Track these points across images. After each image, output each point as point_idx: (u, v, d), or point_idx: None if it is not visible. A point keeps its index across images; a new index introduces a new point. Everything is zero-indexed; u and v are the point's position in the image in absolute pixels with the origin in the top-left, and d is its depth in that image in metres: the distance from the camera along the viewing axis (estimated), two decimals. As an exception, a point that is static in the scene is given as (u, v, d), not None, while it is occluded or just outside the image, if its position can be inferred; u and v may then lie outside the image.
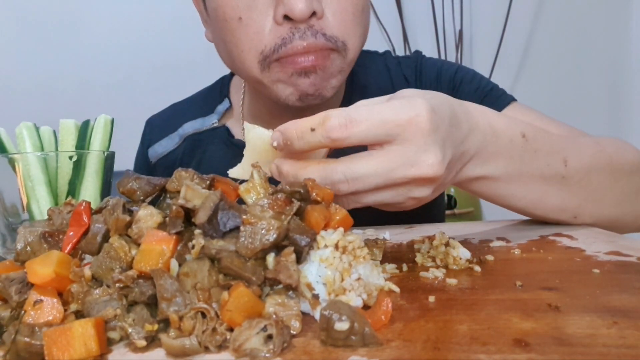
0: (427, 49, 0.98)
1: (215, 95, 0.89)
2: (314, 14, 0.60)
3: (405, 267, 0.44)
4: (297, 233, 0.33)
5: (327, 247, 0.33)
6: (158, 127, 0.92)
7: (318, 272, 0.33)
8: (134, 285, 0.31)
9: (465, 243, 0.52)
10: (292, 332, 0.30)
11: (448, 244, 0.45)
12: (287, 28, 0.60)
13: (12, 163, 0.55)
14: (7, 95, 1.83)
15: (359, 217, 0.45)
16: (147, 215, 0.34)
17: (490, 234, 0.56)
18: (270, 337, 0.28)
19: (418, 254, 0.46)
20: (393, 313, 0.31)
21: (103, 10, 1.88)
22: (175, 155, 0.87)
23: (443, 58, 1.91)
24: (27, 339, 0.28)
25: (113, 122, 0.63)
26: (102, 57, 1.88)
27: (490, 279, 0.39)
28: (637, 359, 0.24)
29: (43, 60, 1.86)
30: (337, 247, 0.34)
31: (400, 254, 0.49)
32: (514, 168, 0.49)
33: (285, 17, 0.59)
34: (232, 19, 0.62)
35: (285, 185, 0.35)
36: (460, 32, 1.91)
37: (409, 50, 1.91)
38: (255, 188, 0.37)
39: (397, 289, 0.36)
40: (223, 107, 0.86)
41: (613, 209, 0.58)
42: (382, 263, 0.44)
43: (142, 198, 0.37)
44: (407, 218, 0.66)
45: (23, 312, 0.31)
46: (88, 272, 0.32)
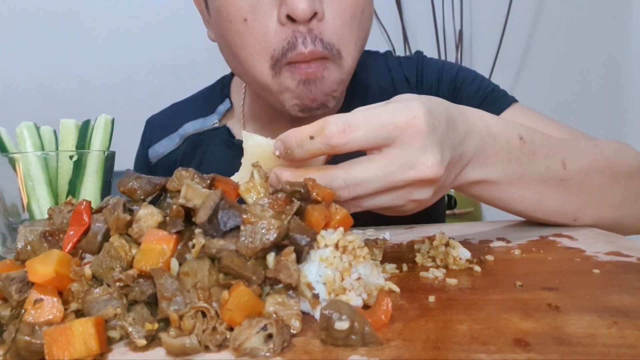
0: (427, 49, 0.98)
1: (216, 96, 0.89)
2: (315, 15, 0.60)
3: (405, 267, 0.44)
4: (297, 233, 0.33)
5: (327, 246, 0.33)
6: (158, 127, 0.91)
7: (318, 271, 0.33)
8: (134, 285, 0.31)
9: (465, 243, 0.52)
10: (292, 331, 0.30)
11: (448, 244, 0.45)
12: (290, 30, 0.60)
13: (12, 163, 0.55)
14: (7, 95, 1.83)
15: (359, 217, 0.45)
16: (147, 215, 0.34)
17: (490, 234, 0.56)
18: (271, 336, 0.28)
19: (418, 254, 0.46)
20: (393, 313, 0.31)
21: (103, 10, 1.88)
22: (176, 156, 0.87)
23: (443, 58, 1.91)
24: (27, 338, 0.28)
25: (113, 122, 0.63)
26: (102, 57, 1.88)
27: (490, 279, 0.39)
28: (637, 359, 0.24)
29: (43, 60, 1.86)
30: (337, 246, 0.34)
31: (400, 254, 0.49)
32: (513, 171, 0.49)
33: (288, 17, 0.59)
34: (236, 21, 0.62)
35: (286, 185, 0.35)
36: (460, 32, 1.91)
37: (409, 50, 1.91)
38: (256, 188, 0.37)
39: (397, 289, 0.36)
40: (224, 107, 0.86)
41: (613, 212, 0.58)
42: (382, 263, 0.44)
43: (142, 197, 0.37)
44: (407, 218, 0.66)
45: (23, 311, 0.31)
46: (88, 271, 0.32)
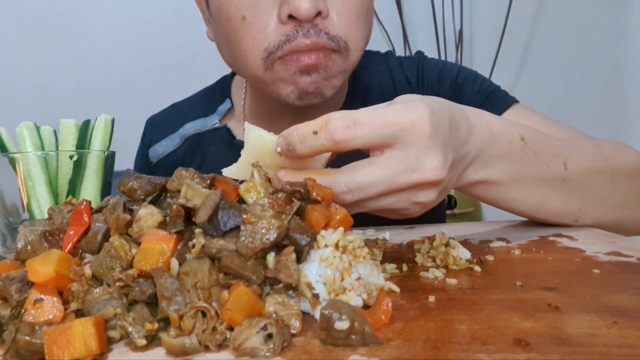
0: (427, 49, 0.98)
1: (217, 96, 0.89)
2: (319, 14, 0.59)
3: (405, 267, 0.44)
4: (297, 232, 0.33)
5: (327, 246, 0.33)
6: (158, 127, 0.91)
7: (318, 271, 0.33)
8: (134, 284, 0.31)
9: (466, 243, 0.52)
10: (292, 331, 0.30)
11: (448, 244, 0.45)
12: (291, 26, 0.60)
13: (12, 162, 0.55)
14: (7, 95, 1.83)
15: (359, 217, 0.45)
16: (147, 215, 0.34)
17: (491, 235, 0.56)
18: (271, 336, 0.28)
19: (418, 254, 0.46)
20: (393, 313, 0.31)
21: (103, 11, 1.88)
22: (176, 156, 0.86)
23: (443, 58, 1.91)
24: (27, 338, 0.28)
25: (113, 122, 0.63)
26: (102, 57, 1.88)
27: (490, 279, 0.39)
28: (637, 359, 0.24)
29: (43, 60, 1.86)
30: (337, 246, 0.34)
31: (401, 254, 0.49)
32: (515, 171, 0.49)
33: (290, 16, 0.59)
34: (235, 18, 0.62)
35: (286, 185, 0.35)
36: (460, 32, 1.91)
37: (409, 51, 1.91)
38: (256, 187, 0.37)
39: (397, 289, 0.36)
40: (224, 107, 0.86)
41: (614, 213, 0.58)
42: (382, 263, 0.44)
43: (142, 197, 0.37)
44: (407, 219, 0.66)
45: (23, 310, 0.31)
46: (88, 271, 0.32)
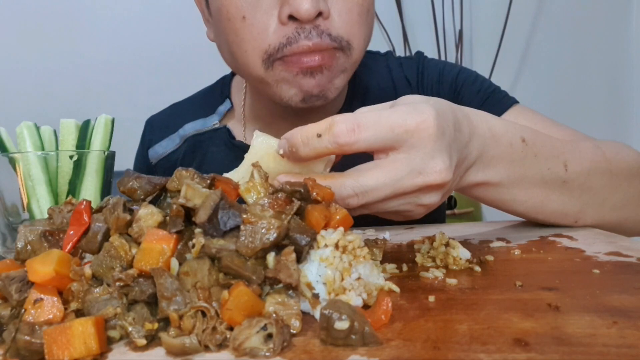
0: (427, 49, 0.98)
1: (216, 96, 0.89)
2: (320, 14, 0.59)
3: (405, 267, 0.44)
4: (297, 232, 0.33)
5: (327, 246, 0.33)
6: (158, 127, 0.91)
7: (318, 271, 0.33)
8: (134, 284, 0.31)
9: (465, 243, 0.52)
10: (292, 331, 0.30)
11: (448, 244, 0.45)
12: (292, 28, 0.60)
13: (12, 162, 0.55)
14: (7, 95, 1.83)
15: (359, 217, 0.45)
16: (147, 214, 0.34)
17: (490, 235, 0.56)
18: (270, 336, 0.28)
19: (418, 254, 0.46)
20: (393, 313, 0.31)
21: (103, 10, 1.87)
22: (176, 156, 0.86)
23: (443, 58, 1.91)
24: (27, 338, 0.28)
25: (113, 122, 0.63)
26: (102, 57, 1.88)
27: (490, 279, 0.39)
28: (637, 359, 0.24)
29: (43, 60, 1.86)
30: (337, 246, 0.34)
31: (400, 254, 0.49)
32: (515, 172, 0.49)
33: (291, 17, 0.59)
34: (235, 19, 0.62)
35: (286, 185, 0.35)
36: (460, 32, 1.91)
37: (409, 51, 1.91)
38: (256, 187, 0.37)
39: (397, 289, 0.36)
40: (224, 107, 0.86)
41: (614, 213, 0.58)
42: (382, 263, 0.44)
43: (142, 197, 0.37)
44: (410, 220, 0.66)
45: (23, 310, 0.31)
46: (88, 270, 0.32)
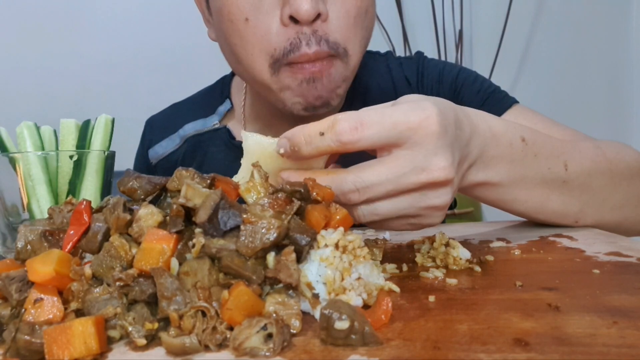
0: (427, 49, 0.98)
1: (216, 96, 0.89)
2: (319, 16, 0.59)
3: (405, 267, 0.44)
4: (297, 232, 0.33)
5: (327, 246, 0.33)
6: (158, 127, 0.91)
7: (318, 271, 0.33)
8: (134, 284, 0.31)
9: (465, 243, 0.52)
10: (292, 331, 0.30)
11: (448, 244, 0.45)
12: (293, 31, 0.60)
13: (12, 162, 0.55)
14: (7, 95, 1.83)
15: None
16: (147, 214, 0.34)
17: (490, 235, 0.56)
18: (270, 335, 0.28)
19: (418, 254, 0.46)
20: (393, 312, 0.31)
21: (103, 10, 1.87)
22: (176, 157, 0.86)
23: (443, 58, 1.91)
24: (27, 337, 0.28)
25: (113, 122, 0.63)
26: (102, 57, 1.88)
27: (490, 279, 0.39)
28: (637, 359, 0.24)
29: (43, 60, 1.86)
30: (337, 246, 0.34)
31: (400, 254, 0.49)
32: (516, 172, 0.49)
33: (291, 18, 0.59)
34: (238, 20, 0.62)
35: (286, 185, 0.35)
36: (460, 32, 1.91)
37: (409, 51, 1.91)
38: (256, 187, 0.37)
39: (397, 289, 0.36)
40: (224, 108, 0.86)
41: (615, 213, 0.58)
42: (382, 263, 0.44)
43: (142, 197, 0.37)
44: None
45: (23, 310, 0.31)
46: (88, 270, 0.32)
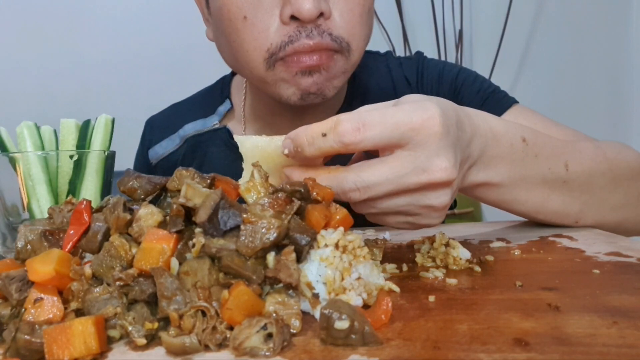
0: (427, 49, 0.98)
1: (216, 96, 0.89)
2: (322, 15, 0.59)
3: (405, 267, 0.44)
4: (297, 232, 0.33)
5: (327, 246, 0.33)
6: (158, 127, 0.91)
7: (318, 271, 0.33)
8: (134, 284, 0.31)
9: (465, 243, 0.52)
10: (292, 330, 0.30)
11: (448, 245, 0.45)
12: (293, 27, 0.60)
13: (12, 162, 0.55)
14: (7, 95, 1.83)
15: (359, 217, 0.45)
16: (147, 214, 0.34)
17: (490, 235, 0.56)
18: (270, 335, 0.28)
19: (418, 254, 0.46)
20: (393, 312, 0.31)
21: (103, 10, 1.88)
22: (176, 157, 0.86)
23: (443, 58, 1.91)
24: (27, 337, 0.28)
25: (113, 122, 0.63)
26: (102, 57, 1.88)
27: (490, 279, 0.39)
28: (637, 359, 0.24)
29: (43, 60, 1.86)
30: (337, 246, 0.34)
31: (400, 254, 0.49)
32: (516, 173, 0.49)
33: (292, 17, 0.59)
34: (236, 19, 0.62)
35: (286, 185, 0.35)
36: (460, 32, 1.91)
37: (409, 51, 1.91)
38: (256, 187, 0.37)
39: (397, 289, 0.36)
40: (224, 108, 0.86)
41: (615, 214, 0.58)
42: (382, 263, 0.44)
43: (142, 197, 0.37)
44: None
45: (23, 310, 0.31)
46: (88, 270, 0.32)
